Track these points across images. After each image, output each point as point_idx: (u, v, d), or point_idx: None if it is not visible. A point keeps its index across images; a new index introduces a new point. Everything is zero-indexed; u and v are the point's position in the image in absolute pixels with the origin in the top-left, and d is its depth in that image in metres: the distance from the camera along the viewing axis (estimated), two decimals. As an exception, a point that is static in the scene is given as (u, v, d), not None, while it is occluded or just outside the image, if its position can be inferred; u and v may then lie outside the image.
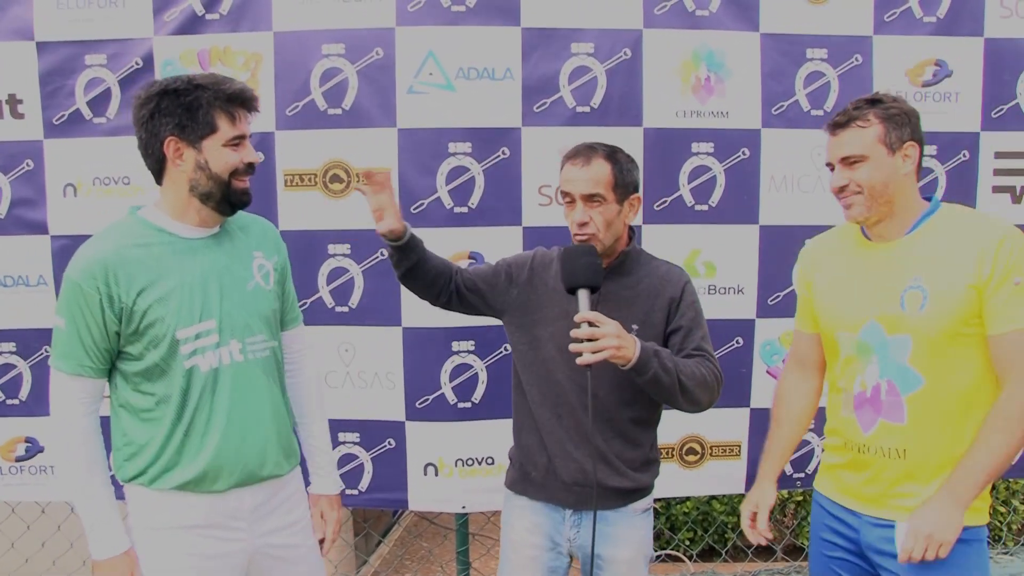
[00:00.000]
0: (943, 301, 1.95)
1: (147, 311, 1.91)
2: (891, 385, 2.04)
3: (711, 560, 4.00)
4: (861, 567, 2.13)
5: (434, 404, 3.17)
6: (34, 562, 3.57)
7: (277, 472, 2.07)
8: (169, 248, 1.97)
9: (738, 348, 3.25)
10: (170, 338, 1.92)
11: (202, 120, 1.94)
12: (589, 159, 2.18)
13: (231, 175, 1.98)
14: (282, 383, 2.17)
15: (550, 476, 2.24)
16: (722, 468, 3.31)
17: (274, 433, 2.07)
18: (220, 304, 1.99)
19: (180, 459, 1.95)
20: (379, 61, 3.06)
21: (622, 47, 3.10)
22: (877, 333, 2.06)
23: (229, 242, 2.08)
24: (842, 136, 2.05)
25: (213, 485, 1.97)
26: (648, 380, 2.06)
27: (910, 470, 2.02)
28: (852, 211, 2.06)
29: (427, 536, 4.74)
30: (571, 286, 2.07)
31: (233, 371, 2.00)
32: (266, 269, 2.13)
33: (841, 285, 2.17)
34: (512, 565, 2.31)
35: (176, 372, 1.94)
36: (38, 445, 3.21)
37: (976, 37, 3.22)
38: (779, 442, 2.36)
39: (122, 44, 3.06)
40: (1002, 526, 4.14)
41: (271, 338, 2.10)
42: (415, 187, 3.09)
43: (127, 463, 1.99)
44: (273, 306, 2.13)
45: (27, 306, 3.13)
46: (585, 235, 2.15)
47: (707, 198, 3.18)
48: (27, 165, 3.09)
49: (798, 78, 3.18)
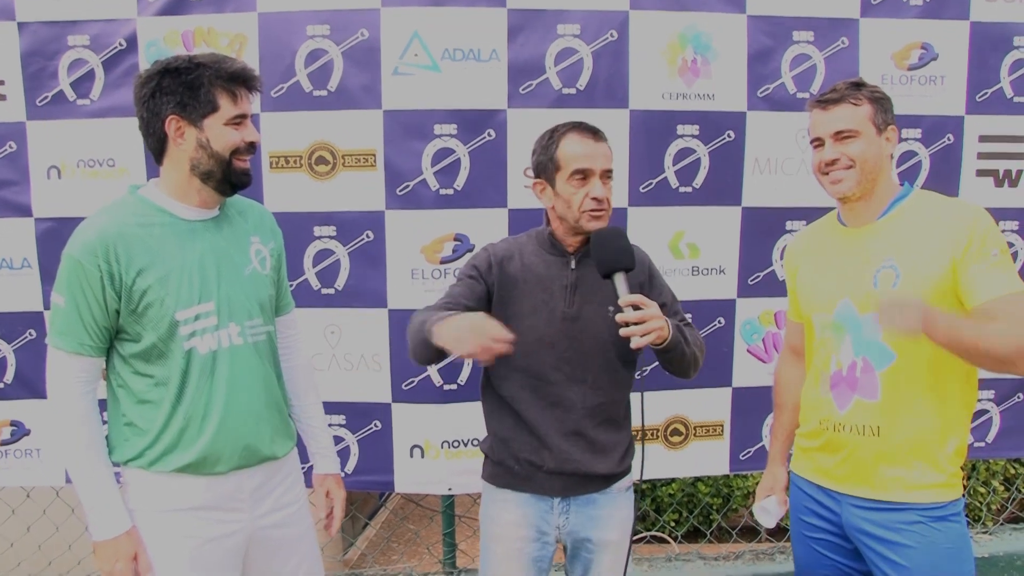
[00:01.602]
0: (916, 278, 1.98)
1: (146, 291, 1.91)
2: (866, 362, 2.07)
3: (696, 541, 4.03)
4: (843, 546, 2.16)
5: (420, 386, 3.17)
6: (19, 547, 3.57)
7: (275, 453, 2.09)
8: (170, 229, 1.97)
9: (720, 328, 3.27)
10: (169, 319, 1.92)
11: (203, 98, 1.94)
12: (598, 135, 2.16)
13: (232, 154, 1.99)
14: (277, 367, 2.18)
15: (535, 468, 2.19)
16: (706, 449, 3.34)
17: (271, 415, 2.08)
18: (219, 287, 1.99)
19: (179, 442, 1.95)
20: (364, 42, 3.04)
21: (608, 28, 3.09)
22: (850, 312, 2.09)
23: (228, 226, 2.08)
24: (835, 112, 2.07)
25: (214, 468, 1.97)
26: (675, 356, 2.10)
27: (884, 450, 2.04)
28: (841, 186, 2.08)
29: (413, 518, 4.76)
30: (608, 271, 2.04)
31: (231, 354, 2.00)
32: (263, 254, 2.14)
33: (818, 270, 2.22)
34: (497, 557, 2.25)
35: (175, 354, 1.94)
36: (23, 428, 3.20)
37: (962, 20, 3.23)
38: (783, 427, 2.45)
39: (105, 25, 3.03)
40: (982, 506, 4.19)
41: (267, 323, 2.12)
42: (400, 169, 3.08)
43: (125, 444, 1.98)
44: (269, 291, 2.14)
45: (11, 289, 3.11)
46: (602, 211, 2.13)
47: (691, 180, 3.19)
48: (10, 147, 3.07)
49: (784, 60, 3.18)
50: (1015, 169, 3.31)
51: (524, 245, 2.26)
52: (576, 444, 2.16)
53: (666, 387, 3.17)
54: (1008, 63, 3.26)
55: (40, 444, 3.20)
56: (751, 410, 3.29)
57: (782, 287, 3.17)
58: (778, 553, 3.76)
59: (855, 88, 2.08)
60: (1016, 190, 3.32)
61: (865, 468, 2.07)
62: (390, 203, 3.10)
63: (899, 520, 2.02)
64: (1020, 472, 4.40)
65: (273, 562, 2.12)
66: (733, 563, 3.72)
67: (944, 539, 1.99)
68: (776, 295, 3.24)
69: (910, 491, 2.02)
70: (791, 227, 3.23)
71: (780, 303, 3.24)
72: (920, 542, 1.99)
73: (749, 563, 3.72)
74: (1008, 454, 3.68)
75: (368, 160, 3.08)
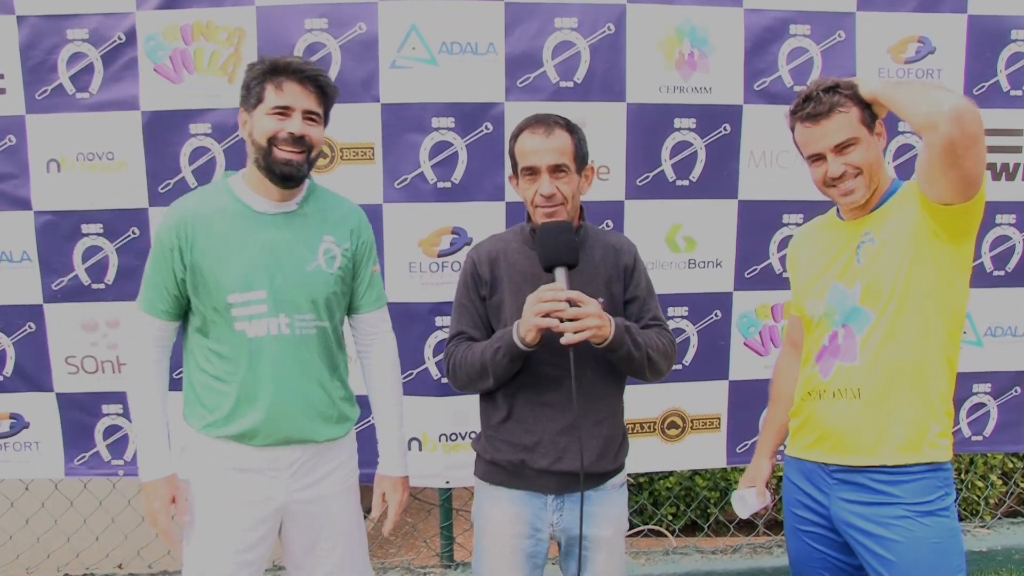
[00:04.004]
0: (894, 239, 2.02)
1: (206, 270, 2.09)
2: (847, 329, 2.10)
3: (693, 535, 4.03)
4: (834, 540, 2.17)
5: (418, 379, 3.18)
6: (18, 540, 3.58)
7: (314, 438, 2.18)
8: (240, 217, 2.14)
9: (716, 321, 3.28)
10: (223, 299, 2.09)
11: (254, 90, 2.11)
12: (550, 129, 2.13)
13: (270, 142, 2.08)
14: (333, 360, 2.25)
15: (529, 467, 2.17)
16: (703, 442, 3.35)
17: (315, 403, 2.18)
18: (272, 278, 2.11)
19: (230, 415, 2.12)
20: (362, 36, 3.05)
21: (605, 22, 3.10)
22: (839, 292, 2.12)
23: (301, 222, 2.19)
24: (828, 125, 2.03)
25: (252, 440, 2.13)
26: (621, 356, 2.09)
27: (866, 410, 2.05)
28: (854, 196, 2.06)
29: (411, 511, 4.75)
30: (549, 264, 2.04)
31: (279, 342, 2.12)
32: (332, 253, 2.21)
33: (814, 261, 2.23)
34: (490, 555, 2.24)
35: (228, 332, 2.11)
36: (23, 421, 3.21)
37: (959, 14, 3.24)
38: (774, 419, 2.44)
39: (104, 18, 3.04)
40: (980, 500, 4.19)
41: (321, 318, 2.19)
42: (398, 162, 3.09)
43: (190, 408, 2.19)
44: (332, 289, 2.20)
45: (10, 282, 3.12)
46: (552, 208, 2.11)
47: (688, 173, 3.20)
48: (9, 140, 3.08)
49: (781, 54, 3.19)
50: (1012, 162, 3.31)
51: (509, 242, 2.27)
52: (569, 442, 2.15)
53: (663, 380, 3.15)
54: (1005, 57, 3.26)
55: (39, 437, 3.22)
56: (748, 403, 3.29)
57: (779, 280, 3.19)
58: (775, 547, 3.77)
59: (833, 92, 2.04)
60: (1013, 183, 3.33)
61: (849, 432, 2.08)
62: (388, 196, 3.11)
63: (886, 515, 2.02)
64: (1018, 466, 4.40)
65: (306, 537, 2.22)
66: (731, 556, 3.73)
67: (931, 534, 1.99)
68: (773, 288, 3.25)
69: (898, 452, 2.02)
70: (787, 220, 3.23)
71: (777, 296, 3.26)
72: (908, 536, 1.99)
73: (747, 556, 3.73)
74: (1005, 448, 3.69)
75: (366, 153, 3.09)
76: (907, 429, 2.03)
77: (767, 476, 2.42)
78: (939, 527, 2.01)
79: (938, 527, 2.00)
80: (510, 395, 2.20)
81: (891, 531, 2.01)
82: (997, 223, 3.33)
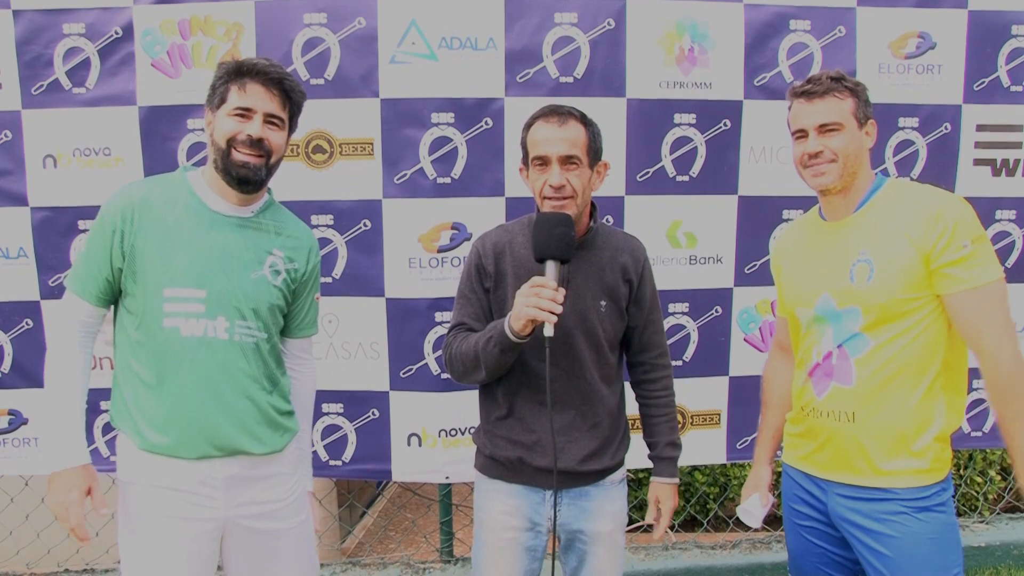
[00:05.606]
0: (889, 271, 2.00)
1: (147, 258, 2.00)
2: (843, 351, 2.09)
3: (693, 530, 4.04)
4: (832, 535, 2.17)
5: (418, 374, 3.18)
6: (18, 535, 3.57)
7: (250, 450, 2.07)
8: (193, 212, 2.06)
9: (717, 317, 3.28)
10: (158, 291, 2.00)
11: (219, 91, 2.07)
12: (564, 120, 2.11)
13: (229, 143, 2.03)
14: (270, 373, 2.16)
15: (527, 464, 2.17)
16: (703, 438, 3.35)
17: (250, 413, 2.07)
18: (215, 280, 2.03)
19: (153, 418, 2.00)
20: (361, 30, 3.04)
21: (605, 17, 3.09)
22: (829, 306, 2.11)
23: (253, 232, 2.12)
24: (820, 104, 2.07)
25: (181, 452, 2.01)
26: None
27: (860, 435, 2.05)
28: (824, 179, 2.08)
29: (411, 507, 4.77)
30: (542, 256, 2.00)
31: (214, 346, 2.03)
32: (278, 267, 2.15)
33: (800, 265, 2.23)
34: (489, 548, 2.25)
35: (156, 327, 2.01)
36: (21, 417, 3.20)
37: (960, 9, 3.23)
38: (769, 424, 2.45)
39: (101, 13, 3.03)
40: (978, 495, 4.20)
41: (262, 329, 2.11)
42: (398, 157, 3.08)
43: (116, 409, 2.08)
44: (273, 301, 2.13)
45: (7, 279, 3.12)
46: (561, 199, 2.08)
47: (688, 169, 3.19)
48: (5, 136, 3.07)
49: (781, 49, 3.18)
50: (1012, 158, 3.31)
51: (515, 235, 2.24)
52: (569, 439, 2.16)
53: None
54: (1006, 52, 3.26)
55: (38, 433, 3.20)
56: (748, 399, 3.28)
57: (778, 276, 3.18)
58: (774, 542, 3.78)
59: (837, 81, 2.08)
60: (1013, 179, 3.32)
61: (844, 454, 2.09)
62: (388, 192, 3.09)
63: (882, 510, 2.03)
64: (1016, 462, 4.41)
65: (257, 561, 2.13)
66: (730, 552, 3.74)
67: (928, 529, 2.00)
68: (773, 284, 3.20)
69: (885, 477, 2.03)
70: (787, 216, 3.23)
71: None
72: (903, 532, 2.00)
73: (746, 552, 3.74)
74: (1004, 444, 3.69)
75: (366, 149, 3.08)
76: (899, 458, 2.03)
77: (768, 482, 2.43)
78: (936, 522, 2.01)
79: (935, 522, 2.01)
80: (511, 393, 2.19)
81: (887, 527, 2.02)
82: (997, 219, 3.32)
